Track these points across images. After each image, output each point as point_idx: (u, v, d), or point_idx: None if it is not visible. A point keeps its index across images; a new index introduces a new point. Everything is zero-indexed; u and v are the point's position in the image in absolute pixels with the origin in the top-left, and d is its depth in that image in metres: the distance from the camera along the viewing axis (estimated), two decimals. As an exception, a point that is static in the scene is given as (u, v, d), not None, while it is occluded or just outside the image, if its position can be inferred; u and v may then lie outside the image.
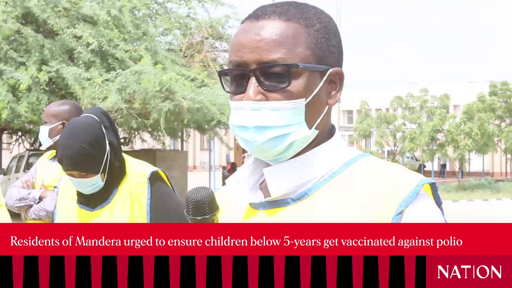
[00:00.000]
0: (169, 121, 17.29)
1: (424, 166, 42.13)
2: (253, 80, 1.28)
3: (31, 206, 3.99)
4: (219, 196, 1.46)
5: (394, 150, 33.42)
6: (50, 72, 16.16)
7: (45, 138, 4.00)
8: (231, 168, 29.69)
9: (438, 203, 1.30)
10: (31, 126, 18.17)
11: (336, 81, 1.35)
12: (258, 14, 1.33)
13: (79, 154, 2.70)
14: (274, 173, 1.31)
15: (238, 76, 1.31)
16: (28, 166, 18.93)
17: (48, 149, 4.11)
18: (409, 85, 48.28)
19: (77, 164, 2.70)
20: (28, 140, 23.37)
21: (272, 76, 1.28)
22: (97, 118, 2.79)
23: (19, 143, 24.81)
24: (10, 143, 26.17)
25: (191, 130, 24.06)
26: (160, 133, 19.70)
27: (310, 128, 1.31)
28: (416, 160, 43.19)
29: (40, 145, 22.55)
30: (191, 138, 27.16)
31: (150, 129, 20.70)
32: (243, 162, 23.94)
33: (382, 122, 32.29)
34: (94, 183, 2.76)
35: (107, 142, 2.75)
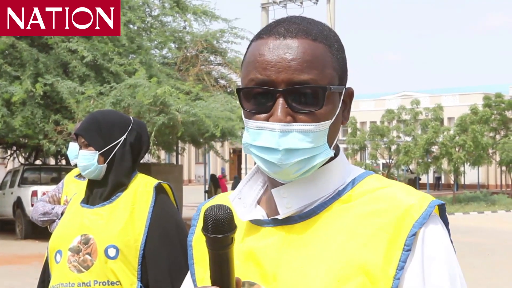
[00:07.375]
0: (163, 135, 17.27)
1: (420, 179, 42.16)
2: (281, 101, 1.23)
3: (54, 221, 4.18)
4: None
5: (389, 163, 33.45)
6: (45, 85, 16.16)
7: (74, 155, 4.17)
8: (235, 182, 29.66)
9: (446, 224, 1.27)
10: (26, 140, 18.14)
11: (347, 100, 1.33)
12: (281, 32, 1.27)
13: (92, 122, 2.91)
14: (283, 193, 1.29)
15: (261, 95, 1.26)
16: (23, 180, 18.84)
17: (76, 165, 4.26)
18: (402, 97, 48.40)
19: (84, 129, 2.91)
20: (23, 154, 23.31)
21: (302, 98, 1.24)
22: (132, 120, 2.96)
23: (14, 158, 24.76)
24: (4, 158, 26.11)
25: (186, 143, 24.06)
26: (154, 146, 19.66)
27: (330, 148, 1.29)
28: (412, 172, 43.20)
29: (35, 159, 22.59)
30: (186, 151, 27.14)
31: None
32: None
33: (376, 135, 32.33)
34: (90, 159, 2.86)
35: (123, 137, 2.88)
